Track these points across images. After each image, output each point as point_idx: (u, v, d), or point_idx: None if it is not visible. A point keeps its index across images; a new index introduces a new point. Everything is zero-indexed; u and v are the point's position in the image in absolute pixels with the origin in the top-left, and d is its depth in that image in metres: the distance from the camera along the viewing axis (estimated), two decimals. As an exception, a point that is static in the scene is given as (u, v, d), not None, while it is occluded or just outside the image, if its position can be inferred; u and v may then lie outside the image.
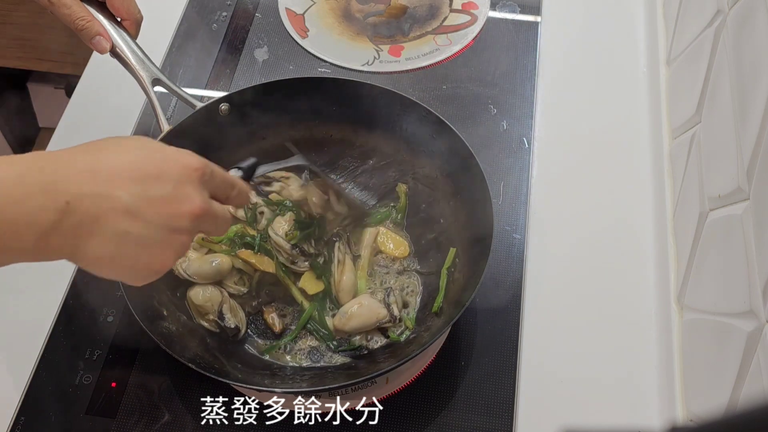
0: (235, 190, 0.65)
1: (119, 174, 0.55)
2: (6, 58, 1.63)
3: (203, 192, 0.59)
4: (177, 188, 0.57)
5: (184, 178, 0.58)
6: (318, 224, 0.89)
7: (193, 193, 0.58)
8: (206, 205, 0.59)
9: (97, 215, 0.53)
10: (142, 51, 0.85)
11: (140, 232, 0.55)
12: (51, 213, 0.51)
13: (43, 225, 0.51)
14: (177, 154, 0.59)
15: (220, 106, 0.89)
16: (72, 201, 0.52)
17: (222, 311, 0.83)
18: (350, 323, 0.82)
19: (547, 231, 0.94)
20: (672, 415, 0.78)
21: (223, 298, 0.84)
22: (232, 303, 0.84)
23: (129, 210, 0.54)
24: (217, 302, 0.83)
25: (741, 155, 0.71)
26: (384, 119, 0.92)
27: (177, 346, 0.76)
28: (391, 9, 1.17)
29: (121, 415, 0.80)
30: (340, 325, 0.82)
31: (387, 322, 0.83)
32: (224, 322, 0.82)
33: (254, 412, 0.80)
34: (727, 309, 0.71)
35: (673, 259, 0.87)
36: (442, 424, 0.80)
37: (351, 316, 0.82)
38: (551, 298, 0.89)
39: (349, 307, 0.83)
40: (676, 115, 0.95)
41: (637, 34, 1.12)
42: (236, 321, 0.83)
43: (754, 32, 0.72)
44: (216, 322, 0.83)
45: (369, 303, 0.83)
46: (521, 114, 1.04)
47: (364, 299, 0.84)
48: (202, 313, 0.83)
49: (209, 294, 0.84)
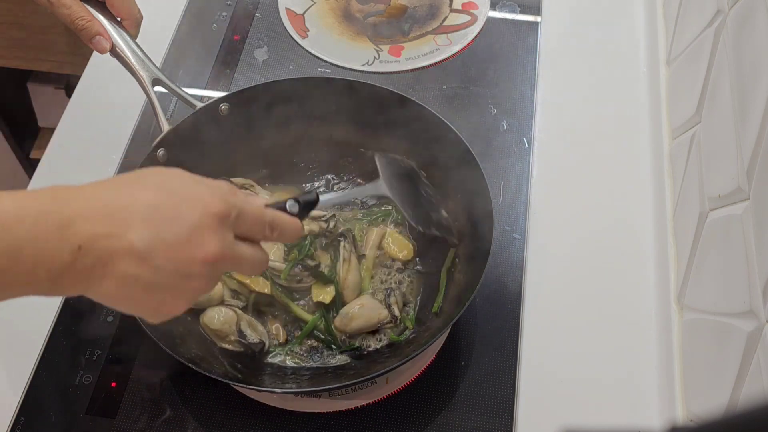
0: (276, 231, 0.61)
1: (134, 215, 0.53)
2: (6, 58, 1.63)
3: (224, 236, 0.57)
4: (192, 233, 0.55)
5: (202, 222, 0.55)
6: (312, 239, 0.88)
7: (209, 239, 0.55)
8: (224, 251, 0.56)
9: (109, 258, 0.52)
10: (142, 51, 0.85)
11: (149, 277, 0.53)
12: (65, 254, 0.50)
13: (57, 266, 0.51)
14: (199, 194, 0.56)
15: (220, 106, 0.89)
16: (84, 244, 0.51)
17: (241, 329, 0.81)
18: (352, 324, 0.82)
19: (547, 231, 0.94)
20: (672, 415, 0.78)
21: (238, 316, 0.82)
22: (247, 318, 0.83)
23: (140, 254, 0.53)
24: (233, 322, 0.82)
25: (741, 155, 0.71)
26: (384, 120, 0.92)
27: (178, 347, 0.76)
28: (391, 9, 1.17)
29: (121, 415, 0.80)
30: (342, 327, 0.83)
31: (388, 323, 0.83)
32: (247, 340, 0.81)
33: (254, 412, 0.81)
34: (727, 309, 0.71)
35: (673, 259, 0.87)
36: (442, 424, 0.80)
37: (353, 317, 0.82)
38: (551, 298, 0.89)
39: (350, 308, 0.83)
40: (676, 115, 0.95)
41: (637, 34, 1.12)
42: (258, 335, 0.82)
43: (754, 32, 0.72)
44: (239, 342, 0.81)
45: (370, 303, 0.83)
46: (521, 114, 1.04)
47: (365, 300, 0.84)
48: (221, 336, 0.82)
49: (223, 316, 0.82)
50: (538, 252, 0.92)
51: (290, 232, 0.63)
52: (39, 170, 0.99)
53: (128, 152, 1.00)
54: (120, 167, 0.98)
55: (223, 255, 0.56)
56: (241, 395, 0.82)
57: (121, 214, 0.53)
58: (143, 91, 0.85)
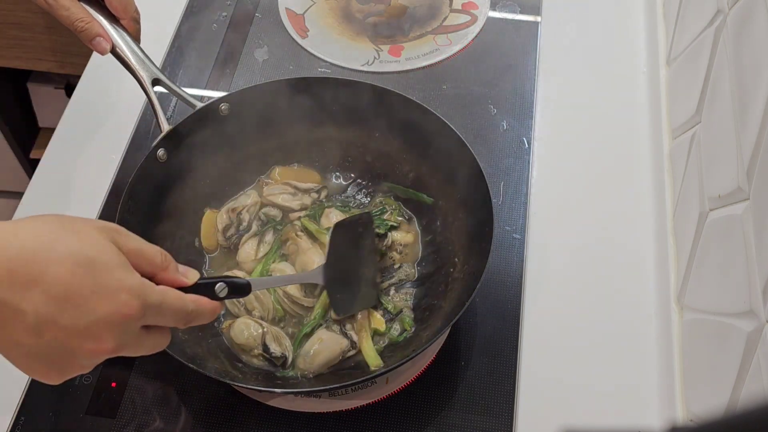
0: (193, 320, 0.59)
1: (40, 285, 0.50)
2: (6, 58, 1.63)
3: (125, 334, 0.54)
4: (92, 326, 0.51)
5: (107, 320, 0.52)
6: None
7: (107, 336, 0.52)
8: (119, 347, 0.54)
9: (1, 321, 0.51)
10: (142, 51, 0.85)
11: (36, 350, 0.52)
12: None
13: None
14: (117, 288, 0.52)
15: (221, 105, 0.89)
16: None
17: (266, 342, 0.81)
18: (316, 361, 0.81)
19: (547, 231, 0.94)
20: (672, 415, 0.78)
21: (264, 330, 0.82)
22: (273, 331, 0.82)
23: (31, 328, 0.50)
24: (258, 336, 0.81)
25: (741, 155, 0.71)
26: (384, 120, 0.92)
27: (177, 347, 0.76)
28: (391, 9, 1.17)
29: (121, 415, 0.80)
30: (306, 366, 0.81)
31: (350, 349, 0.82)
32: (270, 354, 0.81)
33: (255, 412, 0.81)
34: (727, 309, 0.71)
35: (673, 259, 0.87)
36: (442, 424, 0.80)
37: (315, 354, 0.81)
38: (551, 298, 0.89)
39: (310, 347, 0.81)
40: (676, 115, 0.95)
41: (637, 34, 1.12)
42: (282, 349, 0.81)
43: (754, 32, 0.72)
44: (263, 356, 0.81)
45: (328, 336, 0.82)
46: (521, 114, 1.04)
47: (323, 334, 0.82)
48: (247, 350, 0.82)
49: (251, 330, 0.81)
50: (538, 252, 0.92)
51: (207, 317, 0.61)
52: (39, 170, 0.99)
53: (128, 152, 1.00)
54: (120, 167, 0.98)
55: (115, 350, 0.54)
56: (241, 395, 0.81)
57: (25, 279, 0.50)
58: (143, 91, 0.85)
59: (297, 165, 0.95)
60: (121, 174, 0.98)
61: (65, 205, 0.96)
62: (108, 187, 0.97)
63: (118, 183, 0.97)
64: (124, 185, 0.82)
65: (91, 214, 0.94)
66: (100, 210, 0.95)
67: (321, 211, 0.91)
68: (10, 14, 1.53)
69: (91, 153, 1.01)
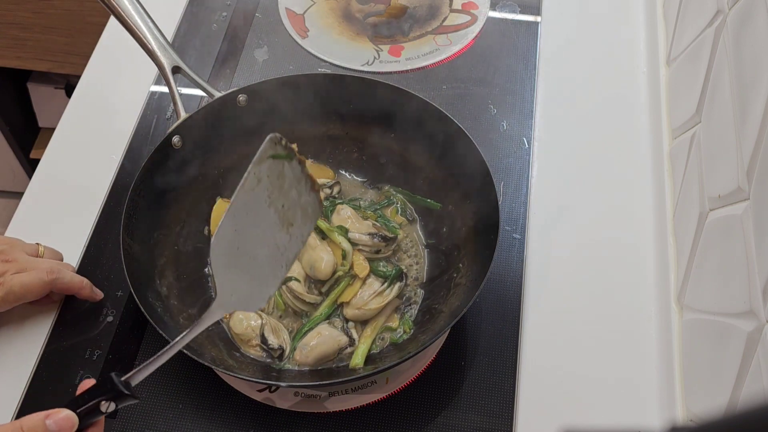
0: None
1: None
2: (6, 58, 1.64)
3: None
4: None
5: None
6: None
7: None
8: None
9: None
10: (164, 37, 0.84)
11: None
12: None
13: None
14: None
15: (239, 96, 0.89)
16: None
17: (264, 334, 0.81)
18: (312, 354, 0.81)
19: (547, 231, 0.94)
20: (672, 415, 0.78)
21: (263, 321, 0.82)
22: (272, 323, 0.83)
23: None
24: (257, 327, 0.82)
25: (741, 155, 0.71)
26: (400, 120, 0.91)
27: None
28: (391, 9, 1.17)
29: (121, 415, 0.80)
30: (303, 359, 0.81)
31: (347, 347, 0.82)
32: (268, 345, 0.81)
33: (255, 412, 0.81)
34: (727, 309, 0.71)
35: (673, 259, 0.87)
36: (442, 424, 0.80)
37: (312, 348, 0.81)
38: (551, 297, 0.89)
39: (309, 341, 0.82)
40: (676, 115, 0.95)
41: (637, 34, 1.12)
42: (279, 342, 0.82)
43: (754, 32, 0.72)
44: (260, 347, 0.81)
45: (328, 332, 0.82)
46: (521, 114, 1.04)
47: (323, 329, 0.83)
48: (245, 340, 0.82)
49: (249, 321, 0.82)
50: (538, 252, 0.92)
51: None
52: (39, 170, 0.99)
53: (128, 152, 1.00)
54: (120, 167, 0.98)
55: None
56: (242, 395, 0.82)
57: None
58: (163, 77, 0.84)
59: (311, 160, 0.95)
60: (121, 174, 0.98)
61: (65, 205, 0.96)
62: (108, 187, 0.97)
63: (118, 183, 0.97)
64: (125, 185, 0.82)
65: (91, 213, 0.94)
66: (100, 210, 0.95)
67: (333, 207, 0.91)
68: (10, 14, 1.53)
69: (91, 153, 1.01)
